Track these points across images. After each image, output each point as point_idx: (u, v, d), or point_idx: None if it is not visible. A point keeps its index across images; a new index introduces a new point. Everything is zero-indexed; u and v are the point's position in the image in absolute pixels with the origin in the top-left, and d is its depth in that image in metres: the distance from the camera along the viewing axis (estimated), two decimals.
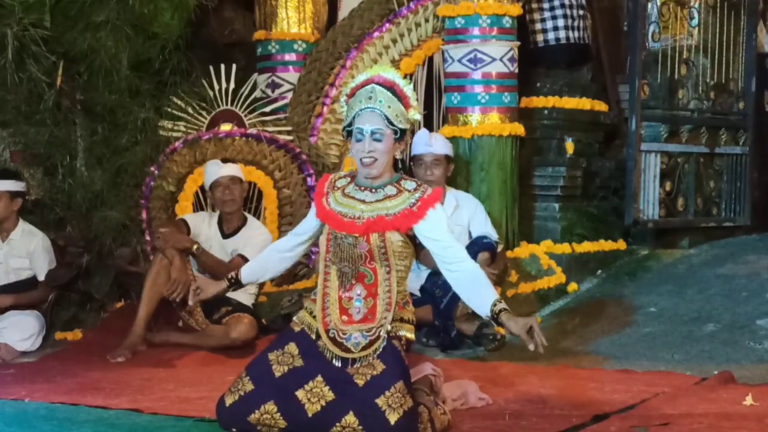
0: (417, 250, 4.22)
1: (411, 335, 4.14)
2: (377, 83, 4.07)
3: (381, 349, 4.00)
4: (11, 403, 4.76)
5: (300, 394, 3.97)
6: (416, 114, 4.15)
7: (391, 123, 4.04)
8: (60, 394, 4.90)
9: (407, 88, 4.11)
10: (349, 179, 4.20)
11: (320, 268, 4.17)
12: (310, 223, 4.27)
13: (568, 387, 5.04)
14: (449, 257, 4.07)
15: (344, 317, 4.09)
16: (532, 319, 4.03)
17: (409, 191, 4.10)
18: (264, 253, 4.48)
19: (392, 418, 3.84)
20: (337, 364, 4.02)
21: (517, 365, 5.62)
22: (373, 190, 4.12)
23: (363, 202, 4.10)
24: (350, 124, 4.10)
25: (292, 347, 4.10)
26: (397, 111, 4.06)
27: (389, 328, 4.04)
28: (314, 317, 4.13)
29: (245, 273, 4.40)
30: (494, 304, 3.97)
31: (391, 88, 4.07)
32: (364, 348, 4.02)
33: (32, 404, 4.74)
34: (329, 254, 4.11)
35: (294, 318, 4.23)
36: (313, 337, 4.10)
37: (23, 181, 6.66)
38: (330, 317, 4.09)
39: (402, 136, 4.09)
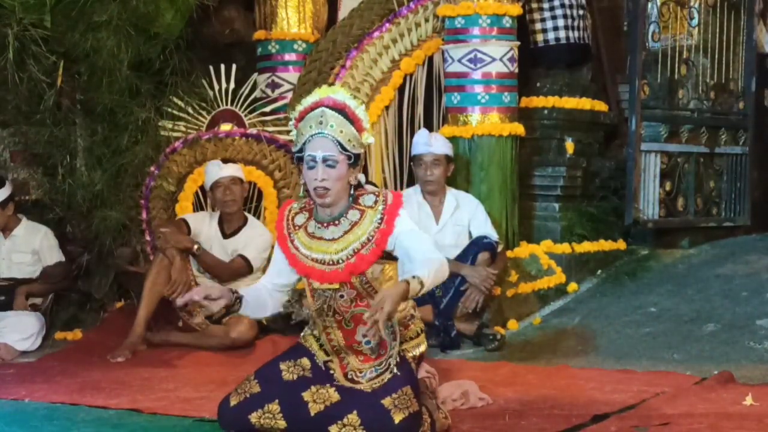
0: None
1: (423, 347, 4.10)
2: (327, 106, 3.88)
3: (387, 381, 3.94)
4: (11, 403, 4.77)
5: (306, 395, 3.96)
6: (369, 138, 3.95)
7: (344, 149, 3.87)
8: (60, 394, 4.91)
9: (359, 110, 3.92)
10: (306, 215, 4.03)
11: (318, 323, 4.06)
12: (287, 273, 4.07)
13: (568, 387, 5.04)
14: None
15: (360, 357, 4.03)
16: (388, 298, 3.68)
17: (371, 207, 3.95)
18: (256, 288, 4.17)
19: (397, 417, 3.82)
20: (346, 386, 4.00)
21: (517, 365, 5.63)
22: (336, 222, 3.96)
23: (332, 240, 3.95)
24: (301, 150, 3.92)
25: (305, 361, 4.07)
26: (349, 135, 3.88)
27: (398, 360, 3.98)
28: (321, 345, 4.08)
29: (245, 304, 4.04)
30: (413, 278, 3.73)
31: (342, 110, 3.88)
32: (372, 379, 3.98)
33: (32, 404, 4.74)
34: (318, 309, 4.01)
35: (301, 338, 4.17)
36: (320, 364, 4.05)
37: (6, 184, 6.60)
38: (346, 360, 4.03)
39: (356, 161, 3.92)
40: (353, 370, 4.01)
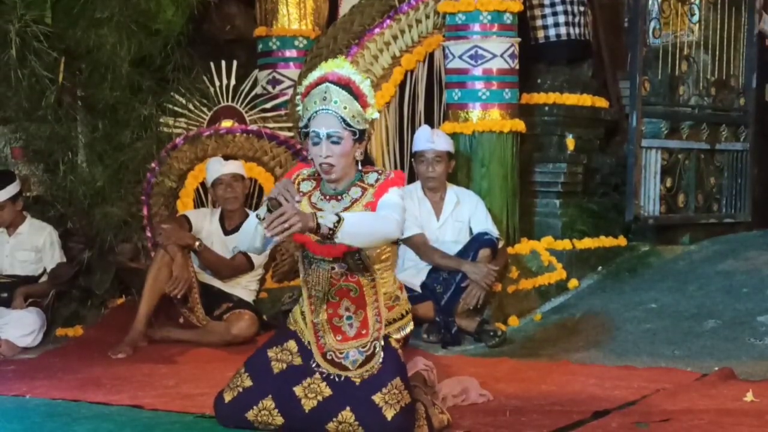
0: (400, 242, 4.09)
1: (409, 328, 4.09)
2: (331, 81, 3.88)
3: (378, 365, 3.94)
4: (12, 400, 4.76)
5: (297, 390, 3.96)
6: (374, 113, 3.95)
7: (348, 125, 3.88)
8: (61, 390, 4.90)
9: (364, 85, 3.92)
10: (314, 183, 4.05)
11: (303, 291, 4.07)
12: None
13: (568, 383, 5.04)
14: None
15: (338, 336, 4.01)
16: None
17: (372, 185, 3.97)
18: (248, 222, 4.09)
19: (389, 414, 3.83)
20: (336, 379, 3.97)
21: (518, 361, 5.62)
22: (339, 197, 3.98)
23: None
24: (306, 126, 3.93)
25: (291, 344, 4.06)
26: (353, 111, 3.89)
27: (383, 343, 3.98)
28: (306, 321, 4.08)
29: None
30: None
31: (346, 86, 3.89)
32: (361, 365, 3.97)
33: (33, 400, 4.73)
34: (308, 278, 4.01)
35: (289, 316, 4.19)
36: (305, 343, 4.04)
37: (17, 179, 6.65)
38: (324, 339, 4.02)
39: (361, 136, 3.93)
40: (332, 350, 4.00)
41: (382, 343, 3.98)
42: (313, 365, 4.00)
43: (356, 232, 3.74)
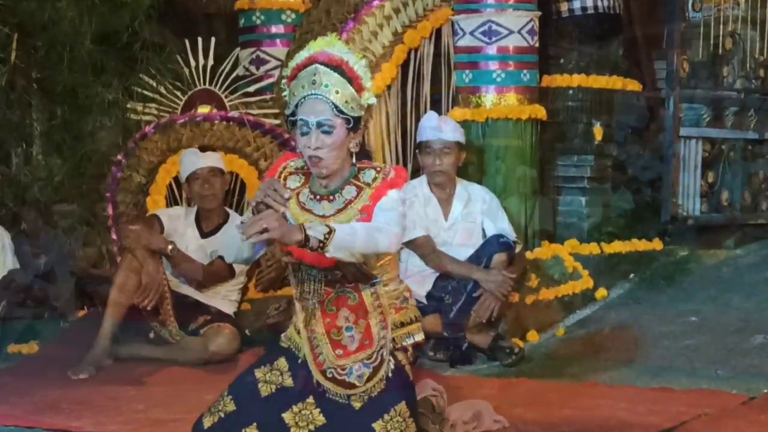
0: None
1: (419, 337, 4.06)
2: (321, 62, 3.86)
3: (385, 376, 3.91)
4: None
5: (287, 416, 3.93)
6: (371, 98, 3.93)
7: (340, 111, 3.85)
8: (14, 416, 4.89)
9: (358, 66, 3.89)
10: (302, 179, 4.02)
11: (296, 303, 4.03)
12: None
13: (595, 407, 5.04)
14: None
15: (338, 351, 3.97)
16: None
17: (369, 184, 3.95)
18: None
19: None
20: (342, 400, 3.92)
21: (538, 382, 5.63)
22: (331, 198, 3.96)
23: (323, 217, 3.92)
24: (293, 114, 3.91)
25: (281, 362, 4.04)
26: (347, 96, 3.86)
27: (391, 347, 3.96)
28: (301, 336, 4.05)
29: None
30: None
31: (338, 67, 3.86)
32: (369, 378, 3.92)
33: None
34: (300, 288, 3.99)
35: (282, 336, 4.16)
36: (300, 361, 4.00)
37: None
38: (323, 356, 3.98)
39: (356, 125, 3.90)
40: (332, 366, 3.96)
41: (390, 347, 3.95)
42: (315, 384, 3.97)
43: (348, 244, 3.72)
